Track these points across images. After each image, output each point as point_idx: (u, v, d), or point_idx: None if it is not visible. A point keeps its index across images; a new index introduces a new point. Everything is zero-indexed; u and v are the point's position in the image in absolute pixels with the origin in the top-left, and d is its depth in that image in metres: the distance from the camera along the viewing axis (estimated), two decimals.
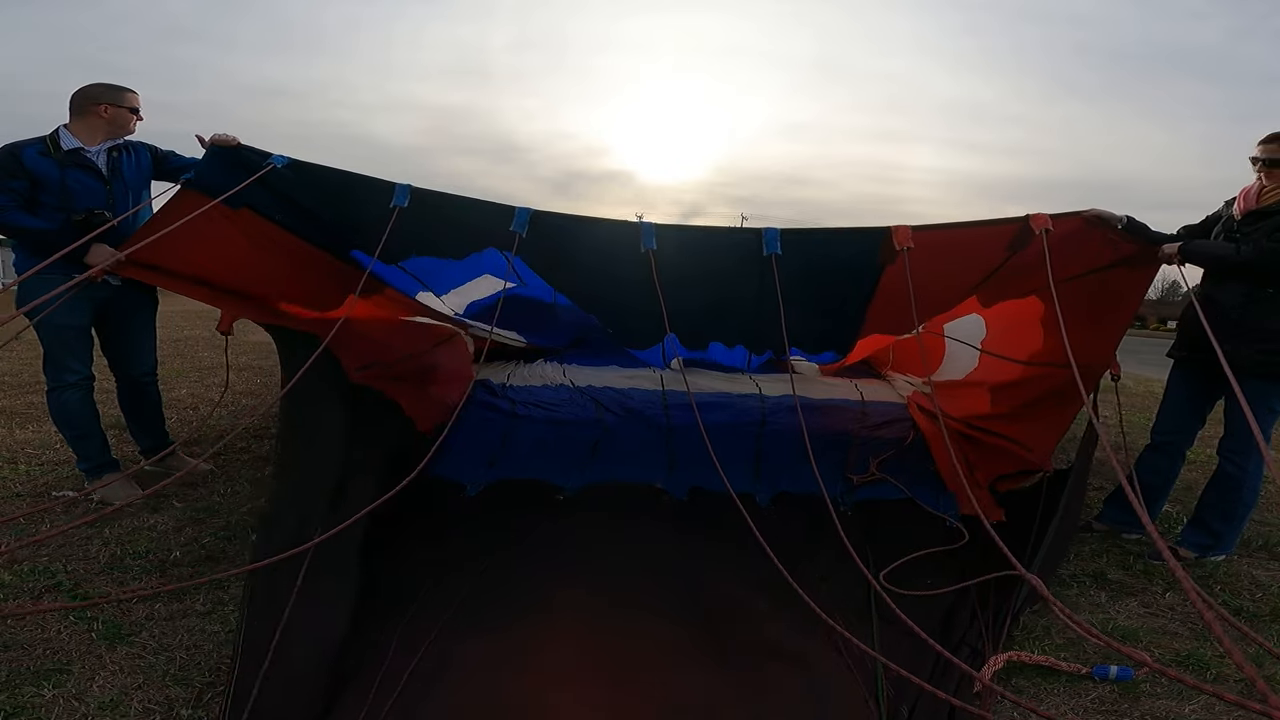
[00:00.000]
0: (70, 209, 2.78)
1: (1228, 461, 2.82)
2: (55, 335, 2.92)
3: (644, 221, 2.66)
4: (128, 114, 2.95)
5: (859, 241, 2.72)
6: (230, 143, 2.68)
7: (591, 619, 2.17)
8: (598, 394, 4.17)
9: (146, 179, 3.08)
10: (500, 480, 3.17)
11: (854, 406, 4.21)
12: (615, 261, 2.74)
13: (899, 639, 2.06)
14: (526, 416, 3.94)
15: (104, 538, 2.69)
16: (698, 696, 1.88)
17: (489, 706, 1.79)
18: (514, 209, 2.63)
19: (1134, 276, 2.85)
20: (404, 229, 2.64)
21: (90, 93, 2.88)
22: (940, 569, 2.56)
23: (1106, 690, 2.01)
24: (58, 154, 2.82)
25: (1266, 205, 2.67)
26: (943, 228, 2.67)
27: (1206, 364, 2.81)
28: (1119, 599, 2.58)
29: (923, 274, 2.56)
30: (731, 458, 3.38)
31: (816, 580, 2.36)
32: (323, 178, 2.71)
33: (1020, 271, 2.84)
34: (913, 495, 3.17)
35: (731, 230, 2.87)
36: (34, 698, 1.79)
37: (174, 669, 1.93)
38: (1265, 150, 2.68)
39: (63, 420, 3.07)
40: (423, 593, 2.24)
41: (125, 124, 2.97)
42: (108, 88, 2.91)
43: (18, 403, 4.75)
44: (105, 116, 2.90)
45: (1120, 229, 2.69)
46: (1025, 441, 3.16)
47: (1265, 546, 3.08)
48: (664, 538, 2.73)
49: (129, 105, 2.95)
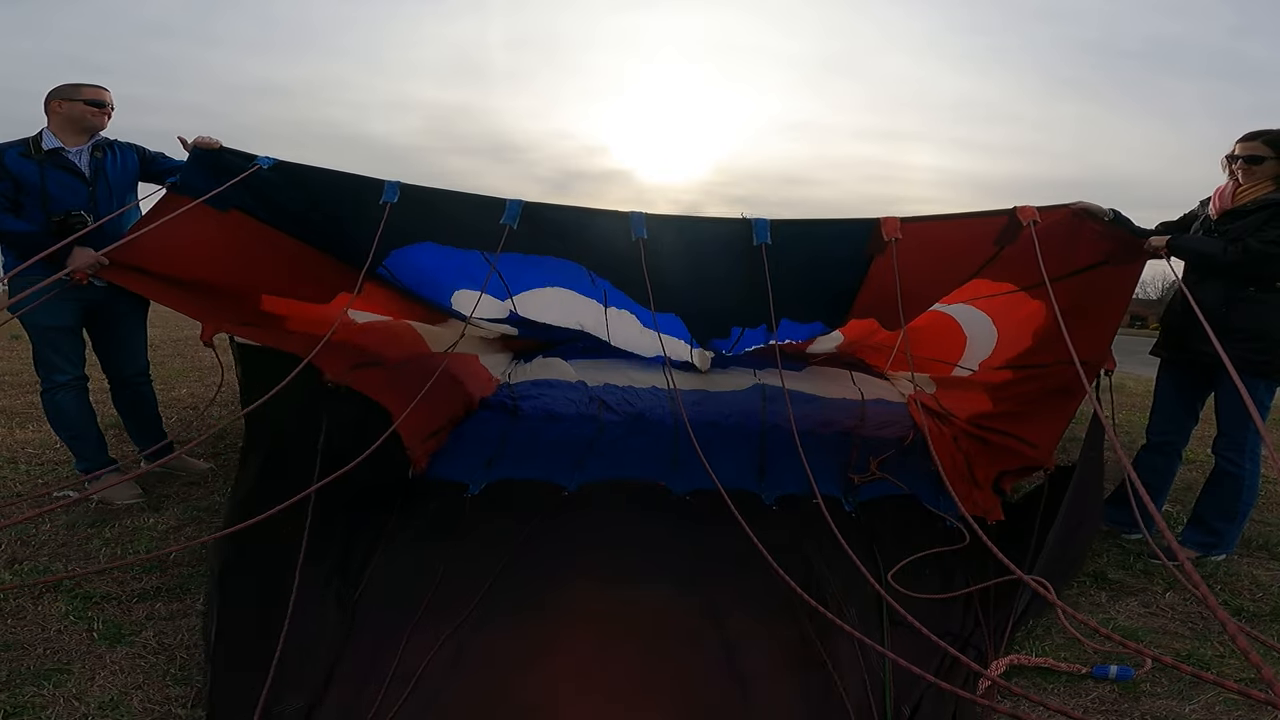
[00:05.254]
0: (50, 211, 2.76)
1: (1224, 460, 2.82)
2: (41, 337, 2.92)
3: (634, 211, 2.67)
4: (83, 107, 2.86)
5: (848, 232, 2.74)
6: (212, 145, 2.66)
7: (597, 617, 2.18)
8: (601, 392, 4.16)
9: (132, 181, 3.05)
10: (502, 479, 3.17)
11: (854, 406, 4.20)
12: (608, 253, 2.75)
13: (904, 640, 2.06)
14: (527, 414, 3.93)
15: (104, 537, 2.69)
16: (702, 695, 1.88)
17: (497, 704, 1.80)
18: (505, 201, 2.63)
19: (1122, 273, 2.86)
20: (396, 225, 2.63)
21: (50, 92, 2.86)
22: (943, 570, 2.56)
23: (1106, 690, 2.00)
24: (38, 155, 2.79)
25: (1242, 204, 2.68)
26: (931, 219, 2.70)
27: (1191, 362, 2.82)
28: (1119, 599, 2.58)
29: (911, 265, 2.58)
30: (736, 458, 3.39)
31: (821, 580, 2.36)
32: (310, 178, 2.70)
33: (1010, 265, 2.86)
34: (914, 493, 3.17)
35: (721, 220, 2.87)
36: (34, 697, 1.79)
37: (174, 669, 1.93)
38: (1245, 148, 2.68)
39: (57, 421, 3.06)
40: (430, 592, 2.24)
41: (82, 118, 2.87)
42: (65, 85, 2.87)
43: (18, 403, 4.75)
44: (61, 113, 2.85)
45: (1106, 222, 2.71)
46: (1030, 438, 3.16)
47: (1265, 546, 3.08)
48: (669, 536, 2.73)
49: (84, 99, 2.87)
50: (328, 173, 2.72)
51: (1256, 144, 2.66)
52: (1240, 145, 2.70)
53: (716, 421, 3.87)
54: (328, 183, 2.72)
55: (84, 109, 2.88)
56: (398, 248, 3.17)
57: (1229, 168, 2.76)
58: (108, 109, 2.94)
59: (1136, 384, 7.40)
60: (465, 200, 2.72)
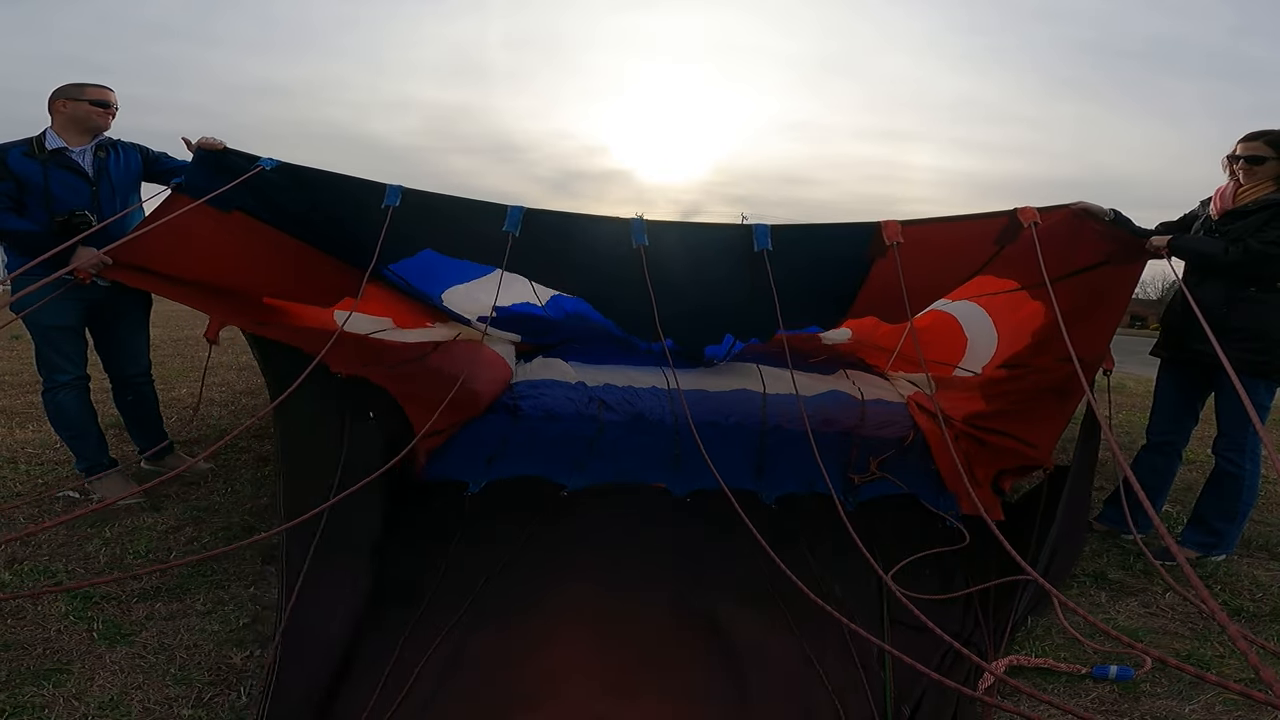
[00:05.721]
0: (53, 210, 2.76)
1: (1224, 460, 2.82)
2: (43, 336, 2.92)
3: (634, 218, 2.68)
4: (88, 107, 2.87)
5: (849, 236, 2.74)
6: (216, 146, 2.67)
7: (595, 617, 2.18)
8: (602, 392, 4.16)
9: (136, 181, 3.05)
10: (502, 479, 3.17)
11: (854, 406, 4.20)
12: (609, 259, 2.75)
13: (905, 638, 2.06)
14: (527, 414, 3.93)
15: (104, 537, 2.69)
16: (702, 694, 1.88)
17: (495, 703, 1.80)
18: (506, 208, 2.63)
19: (1123, 273, 2.87)
20: (399, 230, 2.64)
21: (54, 92, 2.86)
22: (943, 570, 2.56)
23: (1106, 690, 2.01)
24: (42, 154, 2.80)
25: (1243, 205, 2.68)
26: (932, 222, 2.70)
27: (1192, 362, 2.82)
28: (1119, 599, 2.58)
29: (912, 267, 2.58)
30: (736, 458, 3.39)
31: (822, 579, 2.36)
32: (313, 180, 2.71)
33: (1011, 263, 2.86)
34: (914, 492, 3.17)
35: (721, 226, 2.87)
36: (34, 697, 1.79)
37: (174, 669, 1.93)
38: (1246, 149, 2.69)
39: (58, 420, 3.06)
40: (430, 590, 2.24)
41: (87, 118, 2.88)
42: (69, 85, 2.88)
43: (18, 402, 4.75)
44: (65, 112, 2.86)
45: (1107, 222, 2.71)
46: (1028, 438, 3.16)
47: (1265, 546, 3.08)
48: (669, 535, 2.74)
49: (89, 99, 2.87)
50: (330, 175, 2.72)
51: (1258, 144, 2.66)
52: (1242, 145, 2.71)
53: (716, 421, 3.87)
54: (330, 185, 2.73)
55: (89, 109, 2.88)
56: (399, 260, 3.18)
57: (1230, 168, 2.77)
58: (112, 109, 2.94)
59: (1136, 384, 7.40)
60: (467, 206, 2.72)
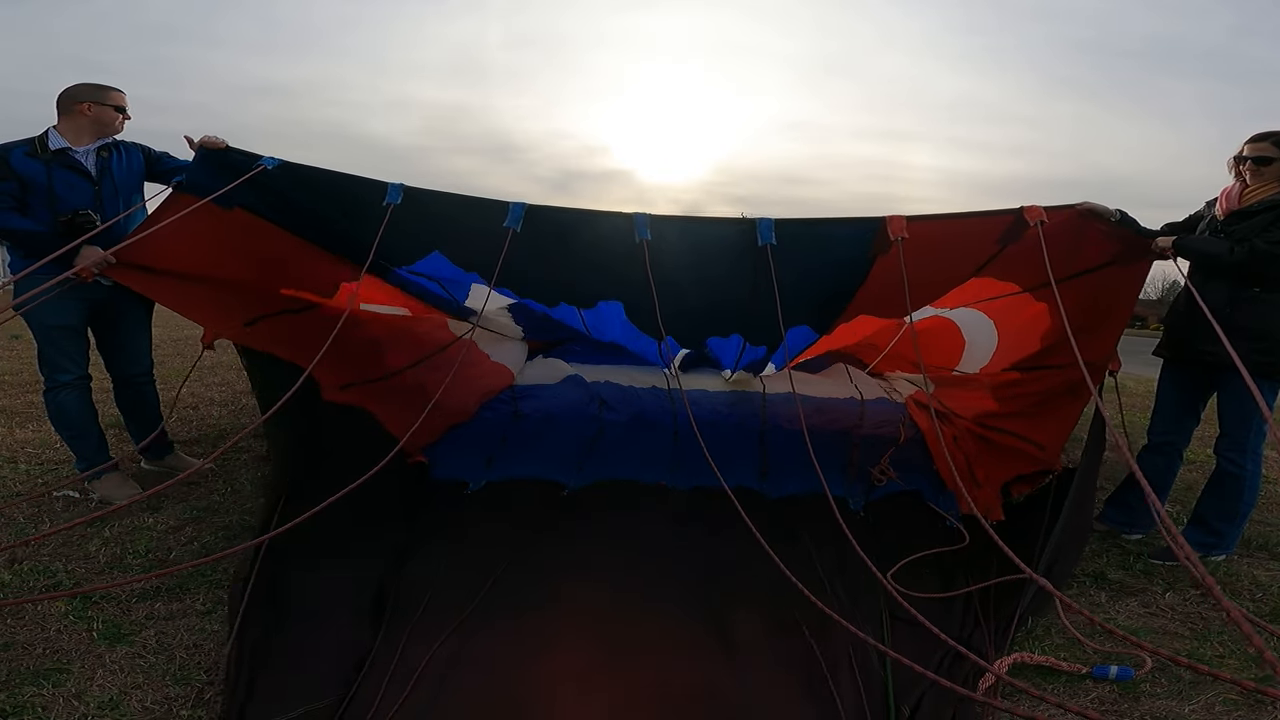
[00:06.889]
0: (57, 210, 2.76)
1: (1226, 461, 2.82)
2: (46, 336, 2.92)
3: (637, 213, 2.67)
4: (112, 112, 2.91)
5: (852, 231, 2.73)
6: (218, 145, 2.67)
7: (597, 617, 2.18)
8: (602, 391, 4.16)
9: (139, 180, 3.06)
10: (502, 478, 3.17)
11: (854, 406, 4.20)
12: (612, 255, 2.75)
13: (906, 639, 2.06)
14: (527, 414, 3.93)
15: (104, 537, 2.69)
16: (704, 692, 1.88)
17: (497, 704, 1.80)
18: (508, 204, 2.63)
19: (1128, 273, 2.86)
20: (405, 229, 2.64)
21: (74, 92, 2.87)
22: (943, 570, 2.56)
23: (1107, 690, 2.00)
24: (45, 154, 2.80)
25: (1249, 205, 2.68)
26: (937, 218, 2.68)
27: (1193, 362, 2.82)
28: (1119, 599, 2.58)
29: (915, 264, 2.57)
30: (738, 457, 3.38)
31: (823, 579, 2.36)
32: (315, 179, 2.71)
33: (1013, 264, 2.85)
34: (916, 490, 3.17)
35: (724, 220, 2.86)
36: (34, 697, 1.79)
37: (174, 669, 1.93)
38: (1253, 149, 2.69)
39: (59, 420, 3.06)
40: (431, 591, 2.24)
41: (110, 122, 2.92)
42: (92, 87, 2.89)
43: (18, 402, 4.75)
44: (89, 115, 2.87)
45: (1113, 223, 2.71)
46: (1038, 439, 3.16)
47: (1265, 546, 3.08)
48: (670, 534, 2.74)
49: (113, 104, 2.91)
50: (331, 174, 2.72)
51: (1265, 145, 2.66)
52: (1249, 146, 2.70)
53: (716, 421, 3.87)
54: (331, 183, 2.73)
55: (113, 114, 2.92)
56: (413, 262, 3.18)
57: (1236, 168, 2.76)
58: (125, 113, 2.99)
59: (1138, 384, 7.40)
60: (468, 203, 2.72)
